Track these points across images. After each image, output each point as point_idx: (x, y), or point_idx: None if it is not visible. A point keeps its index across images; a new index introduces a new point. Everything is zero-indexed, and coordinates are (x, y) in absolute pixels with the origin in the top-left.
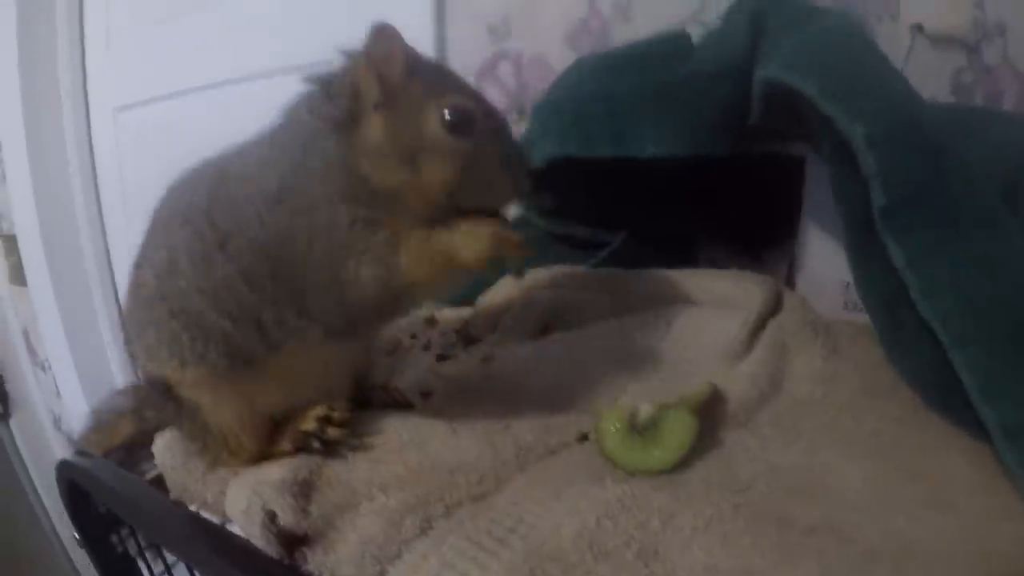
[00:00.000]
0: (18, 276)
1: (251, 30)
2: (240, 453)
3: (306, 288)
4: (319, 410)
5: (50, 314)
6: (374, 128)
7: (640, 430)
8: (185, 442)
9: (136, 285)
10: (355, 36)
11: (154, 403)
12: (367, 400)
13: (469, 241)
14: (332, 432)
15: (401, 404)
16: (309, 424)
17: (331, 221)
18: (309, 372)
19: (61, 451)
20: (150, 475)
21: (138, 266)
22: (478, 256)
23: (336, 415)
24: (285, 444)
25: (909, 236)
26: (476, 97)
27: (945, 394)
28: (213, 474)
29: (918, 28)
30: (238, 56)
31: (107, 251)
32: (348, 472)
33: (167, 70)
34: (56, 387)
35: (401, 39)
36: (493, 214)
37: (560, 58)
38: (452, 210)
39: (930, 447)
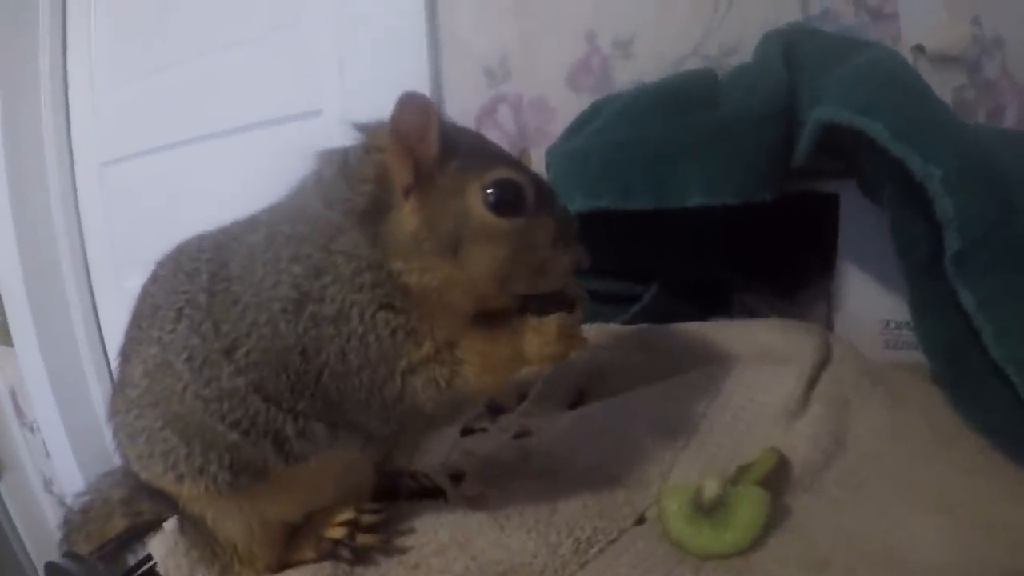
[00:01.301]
0: (4, 335)
1: (238, 82)
2: (254, 563)
3: (343, 399)
4: (346, 514)
5: (37, 374)
6: (406, 217)
7: (707, 509)
8: (189, 549)
9: (123, 382)
10: (347, 86)
11: (151, 496)
12: (391, 488)
13: (538, 344)
14: (363, 539)
15: (430, 492)
16: (336, 531)
17: (367, 331)
18: (333, 477)
19: (52, 514)
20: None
21: (125, 358)
22: (552, 358)
23: (366, 519)
24: (308, 552)
25: (980, 280)
26: (519, 166)
27: (1017, 439)
28: None
29: (920, 49)
30: (225, 108)
31: (95, 309)
32: None
33: (153, 124)
34: (45, 449)
35: (435, 110)
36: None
37: (561, 99)
38: (501, 299)
39: (1006, 496)
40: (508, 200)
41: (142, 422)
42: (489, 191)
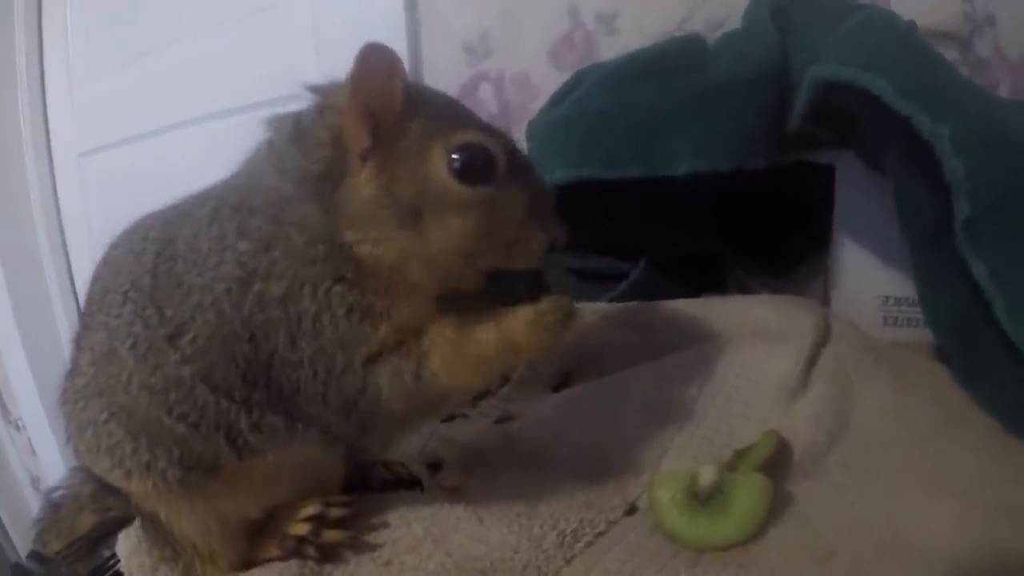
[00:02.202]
0: None
1: (214, 67)
2: (216, 561)
3: (297, 391)
4: (310, 508)
5: (21, 371)
6: (363, 183)
7: (703, 498)
8: (151, 548)
9: (72, 369)
10: (325, 68)
11: (118, 491)
12: (364, 479)
13: (536, 338)
14: (330, 535)
15: (406, 482)
16: (301, 528)
17: (320, 311)
18: (294, 472)
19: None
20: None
21: (77, 342)
22: (545, 345)
23: (333, 512)
24: (273, 550)
25: (993, 248)
26: (490, 130)
27: None
28: None
29: (911, 24)
30: (203, 94)
31: (76, 302)
32: None
33: (130, 112)
34: (31, 446)
35: (400, 64)
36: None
37: (544, 76)
38: (467, 276)
39: (1015, 478)
40: (476, 167)
41: (88, 414)
42: (455, 156)
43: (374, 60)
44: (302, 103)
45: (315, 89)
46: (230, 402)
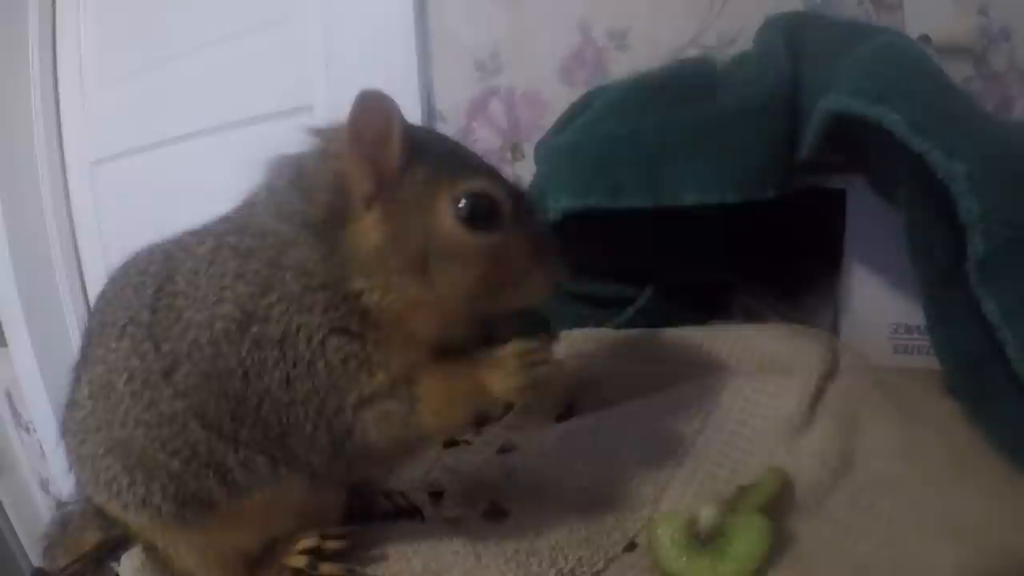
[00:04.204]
0: None
1: (228, 78)
2: None
3: (286, 432)
4: (308, 542)
5: (32, 375)
6: (367, 230)
7: (703, 539)
8: (153, 572)
9: (72, 400)
10: (336, 80)
11: None
12: (364, 507)
13: (500, 380)
14: (327, 568)
15: (407, 512)
16: (298, 560)
17: (315, 357)
18: (287, 509)
19: (48, 514)
20: None
21: (76, 374)
22: (521, 390)
23: (329, 545)
24: None
25: (1007, 288)
26: (493, 174)
27: None
28: None
29: (925, 39)
30: (216, 105)
31: (87, 307)
32: None
33: (143, 121)
34: (41, 449)
35: (396, 109)
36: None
37: (555, 92)
38: (465, 324)
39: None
40: (482, 214)
41: (87, 448)
42: (461, 204)
43: (371, 108)
44: (311, 117)
45: (317, 132)
46: (219, 439)
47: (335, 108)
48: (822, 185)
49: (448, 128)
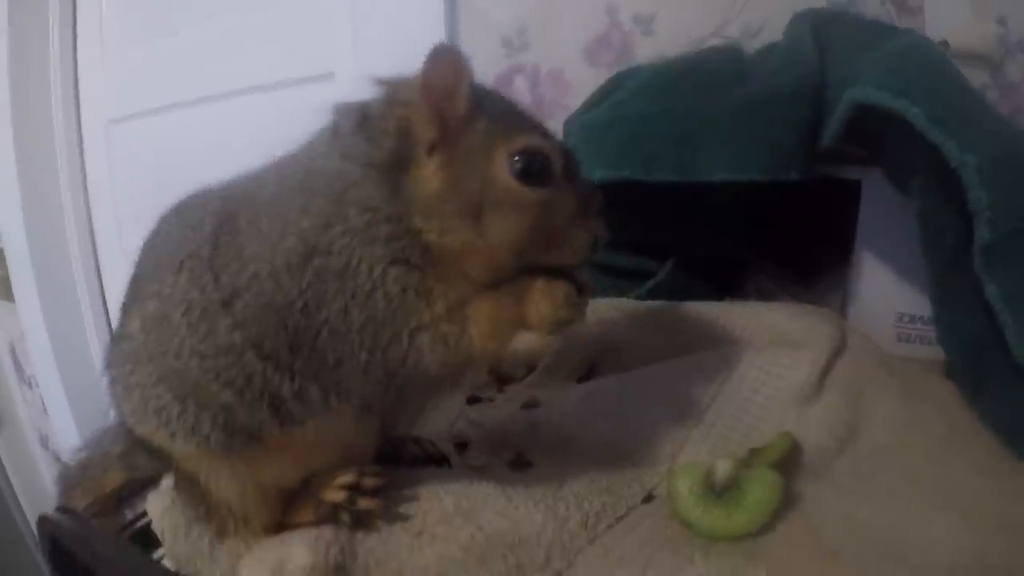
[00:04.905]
0: (5, 291)
1: (249, 43)
2: (250, 523)
3: (340, 362)
4: (347, 477)
5: (38, 330)
6: (429, 176)
7: (718, 490)
8: (185, 507)
9: (120, 334)
10: (361, 49)
11: (149, 450)
12: (395, 454)
13: (544, 308)
14: (364, 503)
15: (435, 459)
16: (337, 495)
17: (375, 287)
18: (332, 442)
19: (48, 470)
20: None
21: (125, 310)
22: (555, 324)
23: (367, 482)
24: (307, 515)
25: (1009, 274)
26: (547, 134)
27: None
28: (222, 546)
29: (944, 45)
30: (235, 69)
31: (97, 266)
32: (387, 551)
33: (162, 83)
34: (43, 405)
35: (468, 67)
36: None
37: (579, 73)
38: (512, 271)
39: (1016, 496)
40: (535, 169)
41: (136, 377)
42: (516, 158)
43: (444, 61)
44: (332, 85)
45: (383, 81)
46: (275, 369)
47: (359, 76)
48: (839, 176)
49: None
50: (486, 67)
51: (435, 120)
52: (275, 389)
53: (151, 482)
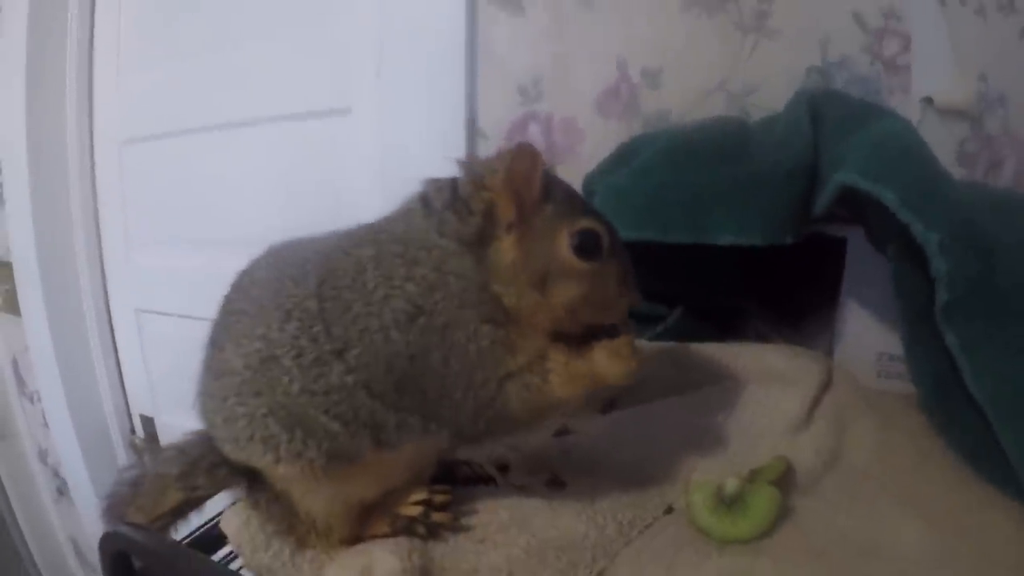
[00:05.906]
0: (10, 304)
1: (268, 73)
2: (330, 536)
3: (440, 399)
4: (421, 494)
5: (43, 345)
6: (507, 249)
7: (728, 502)
8: (264, 522)
9: (219, 369)
10: (382, 88)
11: (208, 472)
12: (448, 474)
13: (614, 362)
14: (437, 516)
15: (483, 479)
16: (413, 509)
17: (469, 341)
18: (412, 464)
19: (44, 485)
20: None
21: (218, 347)
22: (625, 375)
23: (439, 498)
24: (383, 528)
25: (963, 326)
26: (599, 216)
27: (987, 460)
28: (302, 556)
29: (928, 101)
30: (252, 98)
31: (104, 285)
32: (460, 557)
33: (177, 106)
34: (44, 419)
35: (541, 159)
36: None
37: (590, 122)
38: (571, 327)
39: (976, 507)
40: (589, 246)
41: (243, 408)
42: (575, 237)
43: (525, 156)
44: (347, 120)
45: (467, 165)
46: (383, 405)
47: (377, 113)
48: (828, 232)
49: (489, 145)
50: (503, 113)
51: (514, 203)
52: (380, 420)
53: (205, 500)
